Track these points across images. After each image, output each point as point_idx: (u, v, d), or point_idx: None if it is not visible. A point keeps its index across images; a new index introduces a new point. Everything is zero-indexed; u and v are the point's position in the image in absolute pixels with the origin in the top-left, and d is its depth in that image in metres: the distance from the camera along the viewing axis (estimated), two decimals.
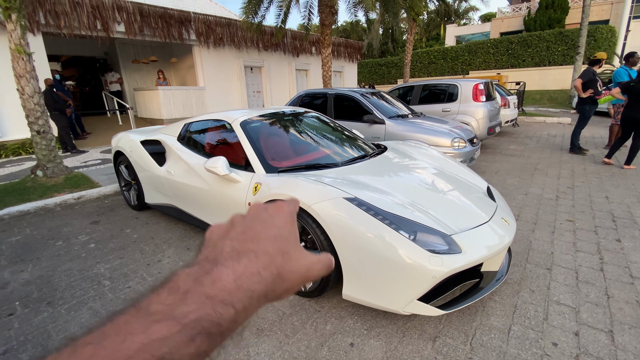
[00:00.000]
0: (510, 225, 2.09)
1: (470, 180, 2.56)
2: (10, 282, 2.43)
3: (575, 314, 1.94)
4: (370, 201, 1.85)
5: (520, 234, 2.98)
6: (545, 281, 2.27)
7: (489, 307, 2.02)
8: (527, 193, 4.06)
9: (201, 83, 11.04)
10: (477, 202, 2.19)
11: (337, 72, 16.69)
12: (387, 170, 2.54)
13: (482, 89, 6.13)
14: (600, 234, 2.94)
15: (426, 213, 1.91)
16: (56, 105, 6.93)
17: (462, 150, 4.33)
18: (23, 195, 4.06)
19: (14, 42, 3.96)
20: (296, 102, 5.89)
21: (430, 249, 1.68)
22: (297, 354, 1.70)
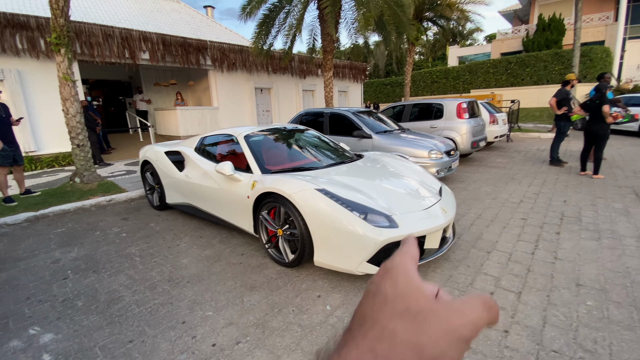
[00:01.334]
0: (448, 213, 2.68)
1: (425, 181, 3.17)
2: (61, 259, 3.13)
3: (496, 281, 2.49)
4: (334, 192, 2.48)
5: (475, 228, 3.53)
6: (482, 260, 2.82)
7: (430, 276, 2.59)
8: (496, 198, 4.60)
9: (215, 103, 12.03)
10: (422, 196, 2.80)
11: (342, 92, 17.63)
12: (355, 171, 3.19)
13: (465, 107, 6.77)
14: (545, 228, 3.47)
15: (376, 201, 2.53)
16: (88, 124, 7.87)
17: (438, 161, 4.94)
18: (64, 197, 4.84)
19: (62, 71, 4.87)
20: (297, 120, 6.65)
21: (376, 225, 2.29)
22: (278, 301, 2.31)
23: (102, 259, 3.09)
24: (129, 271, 2.83)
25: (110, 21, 11.77)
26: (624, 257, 2.80)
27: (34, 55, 7.69)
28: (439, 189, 3.11)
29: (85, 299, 2.44)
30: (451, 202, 2.95)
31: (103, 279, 2.72)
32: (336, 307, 2.23)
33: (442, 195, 2.94)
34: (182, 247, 3.28)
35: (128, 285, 2.60)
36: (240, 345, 1.91)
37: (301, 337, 1.95)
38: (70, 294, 2.53)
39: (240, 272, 2.74)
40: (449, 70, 20.61)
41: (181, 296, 2.43)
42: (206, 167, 3.52)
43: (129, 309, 2.29)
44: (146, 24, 13.30)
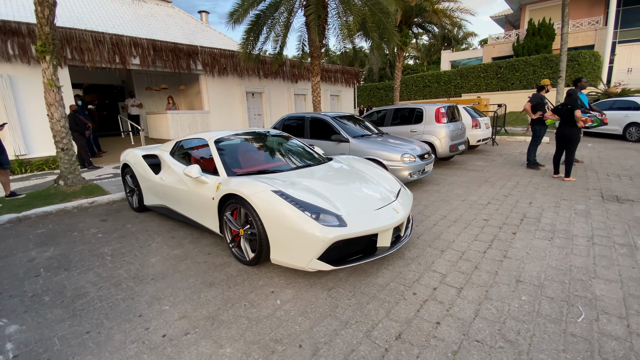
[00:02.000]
0: (399, 214, 2.83)
1: (384, 183, 3.33)
2: (36, 258, 3.26)
3: (442, 277, 2.64)
4: (290, 193, 2.63)
5: (437, 228, 3.68)
6: (434, 258, 2.97)
7: (381, 272, 2.74)
8: (465, 200, 4.76)
9: (206, 107, 12.20)
10: (377, 197, 2.96)
11: (334, 96, 17.84)
12: (318, 174, 3.34)
13: (443, 112, 6.95)
14: (503, 229, 3.62)
15: (330, 201, 2.68)
16: (77, 127, 8.03)
17: (410, 164, 5.10)
18: (47, 200, 4.98)
19: (47, 78, 5.03)
20: (281, 124, 6.81)
21: (326, 224, 2.44)
22: (233, 296, 2.45)
23: (74, 257, 3.23)
24: (98, 269, 2.97)
25: (104, 27, 11.96)
26: (571, 255, 2.95)
27: (25, 61, 7.86)
28: (397, 191, 3.26)
29: (52, 295, 2.57)
30: (406, 203, 3.10)
31: (72, 276, 2.86)
32: (286, 302, 2.37)
33: (398, 197, 3.10)
34: (153, 247, 3.42)
35: (95, 282, 2.74)
36: (189, 336, 2.05)
37: (247, 329, 2.09)
38: (40, 290, 2.66)
39: (203, 270, 2.88)
40: (440, 74, 20.87)
41: (143, 292, 2.57)
42: (179, 170, 3.67)
43: (91, 304, 2.42)
44: (139, 29, 13.50)
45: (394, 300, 2.34)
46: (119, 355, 1.90)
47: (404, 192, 3.33)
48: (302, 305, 2.31)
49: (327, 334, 2.02)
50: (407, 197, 3.25)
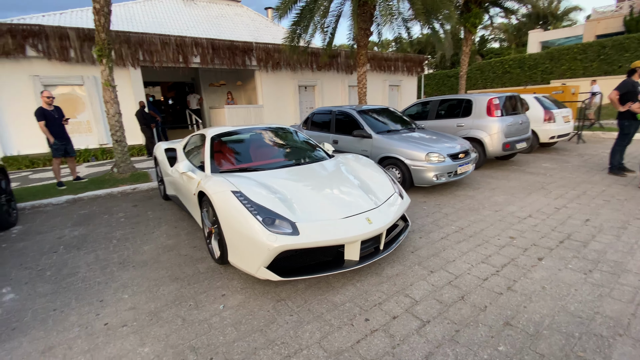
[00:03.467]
0: (373, 225, 2.48)
1: (373, 188, 2.96)
2: (65, 236, 3.80)
3: (412, 305, 2.23)
4: (250, 194, 2.51)
5: (443, 243, 3.15)
6: (415, 280, 2.53)
7: (345, 289, 2.44)
8: (499, 210, 3.99)
9: (260, 102, 12.75)
10: (353, 203, 2.63)
11: (393, 86, 16.90)
12: (301, 173, 3.14)
13: (497, 104, 5.93)
14: (529, 251, 2.91)
15: (291, 206, 2.48)
16: (144, 121, 9.15)
17: (436, 164, 4.48)
18: (100, 184, 5.80)
19: (104, 78, 5.79)
20: (309, 118, 6.68)
21: (277, 231, 2.26)
22: (186, 294, 2.46)
23: (90, 238, 3.67)
24: (100, 251, 3.31)
25: (179, 29, 13.34)
26: (605, 298, 2.22)
27: None
28: (386, 197, 2.87)
29: (53, 271, 2.95)
30: (392, 212, 2.70)
31: (78, 255, 3.24)
32: (229, 308, 2.28)
33: (382, 205, 2.72)
34: (154, 235, 3.68)
35: (89, 264, 3.06)
36: (124, 328, 2.12)
37: (175, 330, 2.07)
38: (48, 265, 3.08)
39: (178, 264, 2.97)
40: (524, 58, 17.98)
41: (118, 278, 2.77)
42: (182, 165, 3.85)
43: (74, 283, 2.71)
44: (209, 29, 14.71)
45: (338, 325, 2.06)
46: (62, 336, 2.07)
47: (396, 199, 2.92)
48: (241, 315, 2.20)
49: (245, 351, 1.87)
50: (397, 206, 2.84)
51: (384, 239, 2.64)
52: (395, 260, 2.85)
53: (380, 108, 6.13)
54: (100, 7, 5.45)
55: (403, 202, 2.95)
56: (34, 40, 8.04)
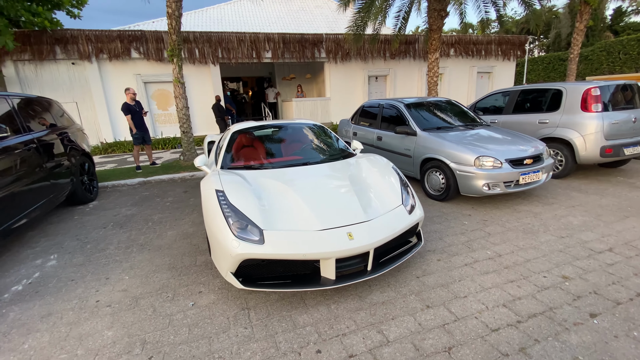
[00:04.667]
0: (354, 242, 2.14)
1: (374, 196, 2.57)
2: (119, 214, 4.42)
3: (380, 345, 1.85)
4: (231, 195, 2.45)
5: (463, 271, 2.57)
6: (401, 313, 2.11)
7: (316, 309, 2.19)
8: (565, 236, 3.07)
9: (328, 94, 12.70)
10: (339, 214, 2.32)
11: (484, 73, 14.83)
12: (300, 175, 2.92)
13: (596, 95, 4.55)
14: (581, 301, 2.14)
15: (269, 212, 2.32)
16: (219, 114, 10.07)
17: (488, 171, 3.69)
18: (167, 170, 6.61)
19: (175, 75, 6.50)
20: (359, 111, 6.30)
21: (244, 237, 2.15)
22: (171, 285, 2.57)
23: (135, 219, 4.18)
24: (134, 232, 3.74)
25: (261, 25, 14.20)
26: None
27: (191, 62, 10.41)
28: (386, 210, 2.46)
29: (92, 245, 3.45)
30: (383, 229, 2.30)
31: (117, 233, 3.73)
32: (197, 307, 2.28)
33: (375, 219, 2.34)
34: (182, 222, 3.99)
35: (120, 242, 3.48)
36: (107, 308, 2.31)
37: (141, 320, 2.16)
38: (93, 239, 3.62)
39: (183, 253, 3.13)
40: None
41: (132, 259, 3.06)
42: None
43: (99, 259, 3.11)
44: (289, 23, 15.26)
45: (285, 350, 1.84)
46: (62, 306, 2.38)
47: (400, 213, 2.48)
48: (202, 316, 2.18)
49: (182, 357, 1.83)
50: (399, 221, 2.41)
51: (372, 258, 2.27)
52: (391, 284, 2.44)
53: (438, 101, 5.38)
54: (172, 12, 6.09)
55: (410, 218, 2.48)
56: (136, 44, 9.58)
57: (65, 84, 9.49)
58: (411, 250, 2.56)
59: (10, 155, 3.27)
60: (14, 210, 3.16)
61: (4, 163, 3.12)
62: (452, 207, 3.99)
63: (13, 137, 3.41)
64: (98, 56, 9.42)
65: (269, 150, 3.65)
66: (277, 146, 3.74)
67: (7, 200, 3.07)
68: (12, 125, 3.52)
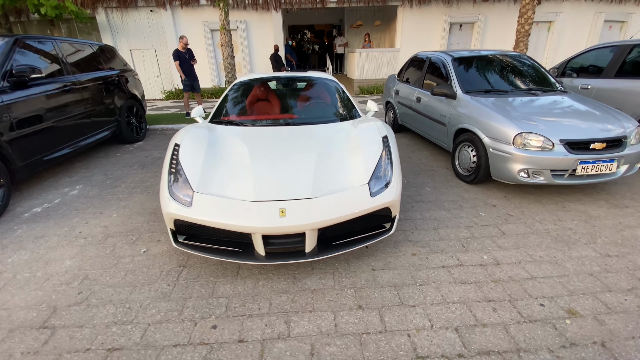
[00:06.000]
0: (285, 219, 1.87)
1: (337, 169, 2.20)
2: (150, 156, 4.83)
3: (279, 339, 1.65)
4: (185, 151, 2.35)
5: (434, 274, 2.09)
6: (325, 309, 1.82)
7: (242, 282, 2.06)
8: (614, 256, 2.24)
9: (398, 45, 11.30)
10: (283, 186, 2.04)
11: (614, 22, 11.24)
12: (270, 137, 2.66)
13: None
14: (572, 352, 1.53)
15: (210, 173, 2.17)
16: (277, 64, 9.93)
17: (531, 153, 2.82)
18: None
19: (221, 22, 6.44)
20: (407, 64, 5.40)
21: (178, 196, 2.08)
22: (142, 228, 2.72)
23: (159, 162, 4.52)
24: (148, 174, 4.05)
25: None
26: None
27: (254, 8, 10.21)
28: (343, 188, 2.08)
29: (112, 181, 3.86)
30: (326, 208, 1.95)
31: (137, 174, 4.09)
32: (147, 254, 2.37)
33: (323, 197, 2.00)
34: None
35: (133, 182, 3.81)
36: (82, 240, 2.57)
37: (98, 257, 2.35)
38: (116, 176, 4.03)
39: None
40: None
41: (129, 199, 3.33)
42: None
43: (108, 195, 3.47)
44: None
45: (185, 317, 1.78)
46: (54, 231, 2.73)
47: (360, 193, 2.06)
48: (144, 264, 2.25)
49: (104, 298, 1.93)
50: (354, 203, 2.02)
51: (311, 239, 1.96)
52: (338, 271, 2.13)
53: (503, 55, 4.22)
54: None
55: (371, 201, 2.05)
56: None
57: (146, 31, 10.40)
58: (373, 237, 2.16)
59: (50, 94, 3.72)
60: (55, 142, 3.71)
61: (41, 101, 3.58)
62: (476, 193, 3.26)
63: (50, 78, 3.84)
64: (171, 3, 9.92)
65: (264, 105, 3.39)
66: (276, 102, 3.45)
67: (49, 132, 3.61)
68: (54, 67, 3.96)
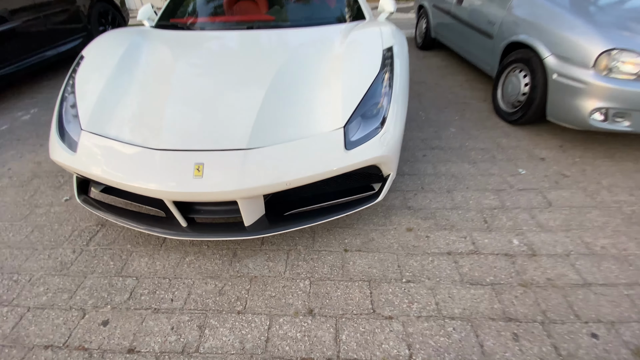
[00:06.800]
0: (200, 180, 1.23)
1: (303, 106, 1.43)
2: None
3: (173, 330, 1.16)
4: (84, 67, 1.71)
5: (428, 263, 1.44)
6: (251, 306, 1.28)
7: (166, 259, 1.54)
8: None
9: None
10: (203, 130, 1.36)
11: None
12: (215, 50, 1.91)
13: None
14: None
15: (114, 102, 1.52)
16: None
17: (620, 85, 1.82)
18: None
19: None
20: None
21: (61, 135, 1.48)
22: None
23: None
24: None
25: None
26: None
27: None
28: (299, 136, 1.34)
29: None
30: (269, 166, 1.26)
31: None
32: (68, 205, 1.90)
33: (262, 148, 1.29)
34: None
35: None
36: (7, 180, 2.15)
37: (14, 202, 1.92)
38: None
39: None
40: None
41: None
42: None
43: None
44: None
45: (68, 307, 1.33)
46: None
47: (329, 143, 1.33)
48: (56, 219, 1.80)
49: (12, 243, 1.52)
50: (315, 157, 1.30)
51: (248, 211, 1.34)
52: (295, 250, 1.54)
53: None
54: None
55: (344, 156, 1.31)
56: None
57: None
58: (350, 207, 1.49)
59: None
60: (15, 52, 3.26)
61: None
62: (519, 139, 2.35)
63: None
64: None
65: (232, 2, 2.46)
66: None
67: None
68: None
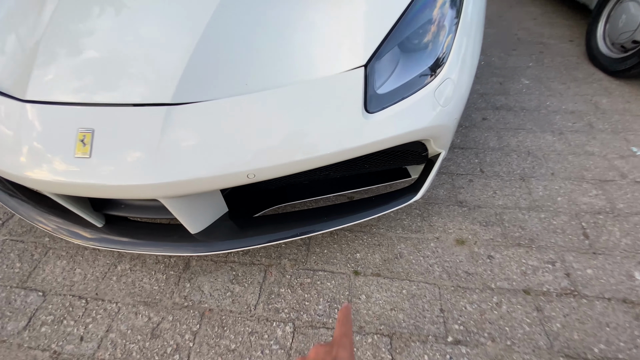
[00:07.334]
0: (89, 162, 0.83)
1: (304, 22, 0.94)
2: None
3: None
4: None
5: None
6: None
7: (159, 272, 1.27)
8: None
9: None
10: (132, 70, 0.89)
11: None
12: None
13: None
14: None
15: (35, 53, 1.01)
16: None
17: None
18: None
19: None
20: None
21: None
22: None
23: None
24: None
25: None
26: None
27: None
28: (283, 82, 0.86)
29: None
30: (201, 142, 0.82)
31: None
32: None
33: (210, 101, 0.81)
34: None
35: None
36: None
37: None
38: None
39: None
40: None
41: None
42: None
43: None
44: None
45: None
46: None
47: (346, 92, 0.83)
48: None
49: None
50: (311, 116, 0.82)
51: (184, 212, 0.90)
52: (279, 265, 1.16)
53: None
54: None
55: (365, 128, 0.81)
56: None
57: None
58: (372, 209, 1.03)
59: None
60: None
61: None
62: (629, 99, 1.62)
63: None
64: None
65: None
66: None
67: None
68: None
